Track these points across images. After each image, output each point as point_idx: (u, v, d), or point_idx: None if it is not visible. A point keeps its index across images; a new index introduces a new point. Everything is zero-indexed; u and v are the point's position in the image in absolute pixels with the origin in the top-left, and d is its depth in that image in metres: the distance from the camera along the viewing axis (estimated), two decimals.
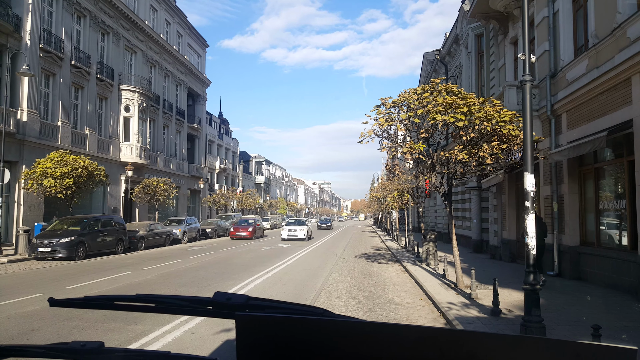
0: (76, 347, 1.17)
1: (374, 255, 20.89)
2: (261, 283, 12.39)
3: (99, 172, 21.34)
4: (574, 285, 11.30)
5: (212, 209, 51.51)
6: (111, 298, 1.35)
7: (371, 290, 11.42)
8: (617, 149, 10.98)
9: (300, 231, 31.03)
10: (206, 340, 6.56)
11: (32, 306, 8.86)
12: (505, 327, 7.32)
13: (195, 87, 46.54)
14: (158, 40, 37.00)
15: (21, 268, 15.27)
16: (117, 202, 30.68)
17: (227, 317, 1.19)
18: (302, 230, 31.12)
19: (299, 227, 31.43)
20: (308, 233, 32.27)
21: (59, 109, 25.10)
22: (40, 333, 6.92)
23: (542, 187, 13.77)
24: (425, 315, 8.71)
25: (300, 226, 31.84)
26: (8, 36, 21.61)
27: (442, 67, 29.59)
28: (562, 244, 12.70)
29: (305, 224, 32.99)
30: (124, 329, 7.08)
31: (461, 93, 10.08)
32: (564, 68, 12.43)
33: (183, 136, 43.65)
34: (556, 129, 13.12)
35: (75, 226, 18.68)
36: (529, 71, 6.68)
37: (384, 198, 35.34)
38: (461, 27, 23.53)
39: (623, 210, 10.51)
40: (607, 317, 7.79)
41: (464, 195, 24.67)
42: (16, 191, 21.85)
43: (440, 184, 11.35)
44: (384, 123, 10.45)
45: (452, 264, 11.78)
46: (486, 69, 20.42)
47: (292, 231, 31.10)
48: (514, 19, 16.34)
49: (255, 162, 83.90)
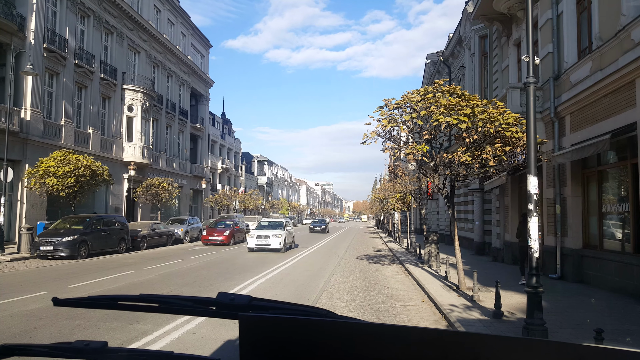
0: (80, 346, 1.17)
1: (375, 257, 20.87)
2: (263, 283, 12.39)
3: (102, 172, 21.38)
4: (576, 288, 11.27)
5: (214, 209, 51.55)
6: (115, 298, 1.35)
7: (373, 291, 11.40)
8: (620, 152, 10.94)
9: (274, 238, 22.06)
10: (208, 340, 6.56)
11: (34, 305, 8.88)
12: (507, 330, 7.30)
13: (198, 87, 46.60)
14: (161, 40, 37.07)
15: (24, 266, 15.30)
16: (119, 201, 30.74)
17: (231, 317, 1.19)
18: (276, 236, 22.15)
19: (272, 233, 22.35)
20: (288, 241, 23.49)
21: (62, 108, 25.17)
22: (42, 332, 6.94)
23: (545, 189, 13.73)
24: (427, 317, 8.70)
25: (274, 231, 22.73)
26: (12, 35, 21.68)
27: (445, 68, 29.56)
28: (565, 247, 12.67)
29: (282, 227, 23.53)
30: (125, 329, 7.09)
31: (464, 95, 10.06)
32: (568, 70, 12.40)
33: (186, 136, 43.71)
34: (559, 132, 13.09)
35: (77, 225, 18.73)
36: (532, 73, 6.66)
37: (386, 199, 35.32)
38: (464, 28, 23.50)
39: (626, 213, 10.47)
40: (610, 321, 7.77)
41: (466, 197, 24.63)
42: (19, 190, 21.92)
43: (442, 185, 11.34)
44: (387, 124, 10.44)
45: (454, 266, 11.76)
46: (489, 71, 20.39)
47: (262, 238, 22.13)
48: (517, 21, 16.31)
49: (258, 163, 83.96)
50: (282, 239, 22.18)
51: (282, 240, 22.15)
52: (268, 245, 21.85)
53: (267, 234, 22.16)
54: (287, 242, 23.25)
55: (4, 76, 21.38)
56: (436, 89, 10.31)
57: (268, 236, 22.04)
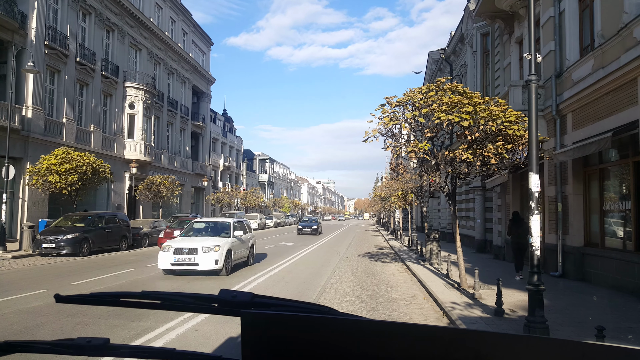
0: (82, 343, 1.17)
1: (377, 255, 20.89)
2: (264, 281, 12.41)
3: (103, 169, 21.41)
4: (578, 286, 11.27)
5: (215, 207, 51.58)
6: (117, 295, 1.35)
7: (374, 289, 11.41)
8: (622, 150, 10.93)
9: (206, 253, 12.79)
10: (210, 337, 6.58)
11: (36, 302, 8.90)
12: (508, 328, 7.30)
13: (199, 84, 46.60)
14: (163, 38, 37.06)
15: (25, 264, 15.34)
16: (121, 199, 30.77)
17: (233, 314, 1.19)
18: (210, 249, 12.85)
19: (202, 243, 12.98)
20: (237, 255, 14.37)
21: (63, 106, 25.19)
22: (44, 329, 6.96)
23: (547, 187, 13.71)
24: (428, 315, 8.70)
25: (208, 240, 13.41)
26: (13, 33, 21.69)
27: (447, 66, 29.51)
28: (566, 245, 12.66)
29: (227, 232, 14.53)
30: (127, 326, 7.11)
31: (466, 92, 10.05)
32: (570, 68, 12.38)
33: (187, 134, 43.73)
34: (561, 129, 13.07)
35: (79, 223, 18.76)
36: (534, 71, 6.65)
37: (388, 197, 35.33)
38: (466, 26, 23.45)
39: (628, 211, 10.46)
40: (612, 318, 7.76)
41: (468, 195, 24.62)
42: (21, 187, 21.95)
43: (444, 183, 11.33)
44: (388, 122, 10.44)
45: (456, 264, 11.76)
46: (491, 69, 20.35)
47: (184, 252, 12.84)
48: (519, 19, 16.27)
49: (259, 161, 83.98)
50: (219, 253, 12.77)
51: (220, 255, 12.76)
52: (193, 264, 12.61)
53: (192, 246, 12.73)
54: (232, 257, 13.64)
55: (6, 74, 21.40)
56: (438, 87, 10.29)
57: (195, 249, 12.63)
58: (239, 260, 14.71)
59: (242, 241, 15.03)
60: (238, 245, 14.53)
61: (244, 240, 15.26)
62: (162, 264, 12.80)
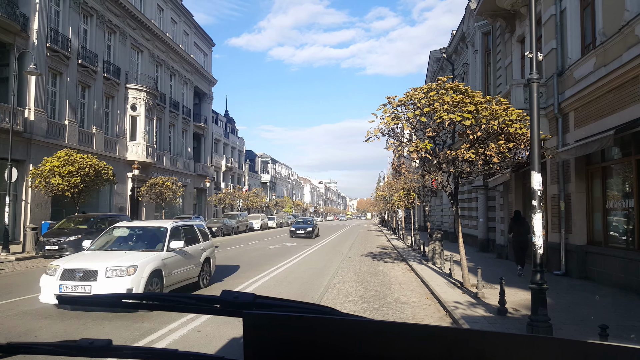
0: (84, 344, 1.17)
1: (379, 254, 20.87)
2: (267, 281, 12.42)
3: (106, 171, 21.44)
4: (581, 284, 11.24)
5: (218, 208, 51.62)
6: (119, 296, 1.36)
7: (377, 289, 11.41)
8: (625, 148, 10.90)
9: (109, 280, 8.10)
10: (212, 338, 6.58)
11: (39, 304, 8.91)
12: (511, 327, 7.29)
13: (201, 85, 46.66)
14: (164, 39, 37.12)
15: (28, 266, 15.38)
16: (123, 200, 30.83)
17: (235, 315, 1.19)
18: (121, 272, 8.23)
19: (104, 265, 8.29)
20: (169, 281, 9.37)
21: (66, 108, 25.26)
22: (47, 330, 6.97)
23: (549, 186, 13.69)
24: (431, 314, 8.69)
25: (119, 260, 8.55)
26: (15, 35, 21.75)
27: (448, 65, 29.49)
28: (569, 243, 12.63)
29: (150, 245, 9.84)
30: (130, 327, 7.12)
31: (468, 91, 10.03)
32: (572, 66, 12.35)
33: (189, 135, 43.78)
34: (563, 128, 13.04)
35: (82, 225, 18.77)
36: (536, 69, 6.63)
37: (390, 197, 35.30)
38: (468, 25, 23.42)
39: (631, 209, 10.43)
40: (615, 317, 7.74)
41: (470, 194, 24.58)
42: (23, 190, 22.01)
43: (446, 182, 11.32)
44: (390, 122, 10.43)
45: (459, 263, 11.75)
46: (493, 67, 20.32)
47: (76, 278, 8.14)
48: (521, 17, 16.25)
49: (261, 161, 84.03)
50: (134, 278, 8.29)
51: (135, 281, 8.29)
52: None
53: (90, 268, 8.31)
54: (164, 281, 9.16)
55: (8, 76, 21.46)
56: (440, 86, 10.28)
57: (94, 272, 8.21)
58: (180, 284, 10.10)
59: (186, 256, 10.30)
60: (177, 262, 9.81)
61: (191, 254, 10.57)
62: (44, 296, 8.12)
